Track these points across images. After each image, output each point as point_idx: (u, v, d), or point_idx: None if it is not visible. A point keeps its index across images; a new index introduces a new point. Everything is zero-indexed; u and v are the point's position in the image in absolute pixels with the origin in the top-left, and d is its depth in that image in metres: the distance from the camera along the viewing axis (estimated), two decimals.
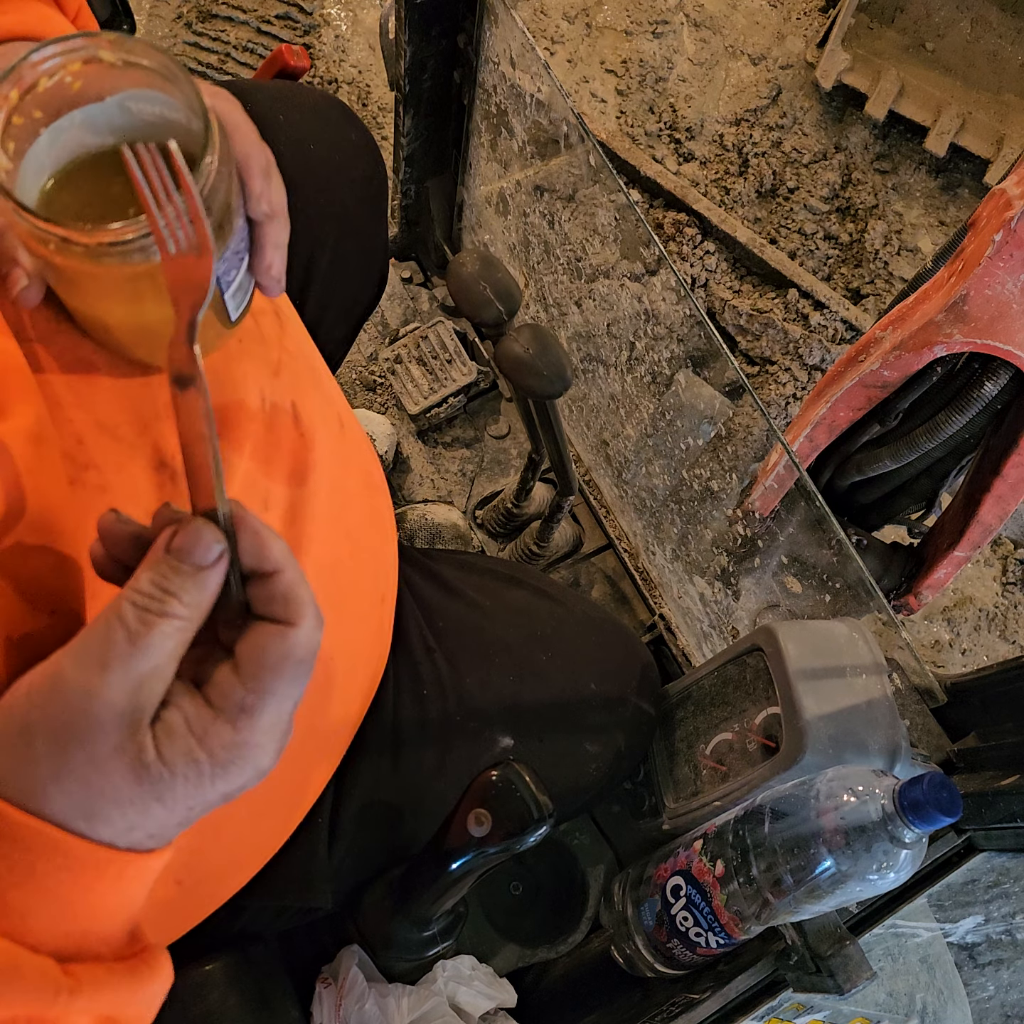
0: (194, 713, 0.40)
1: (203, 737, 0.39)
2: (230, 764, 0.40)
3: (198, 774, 0.39)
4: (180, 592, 0.39)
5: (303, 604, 0.41)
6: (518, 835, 0.69)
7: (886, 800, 0.65)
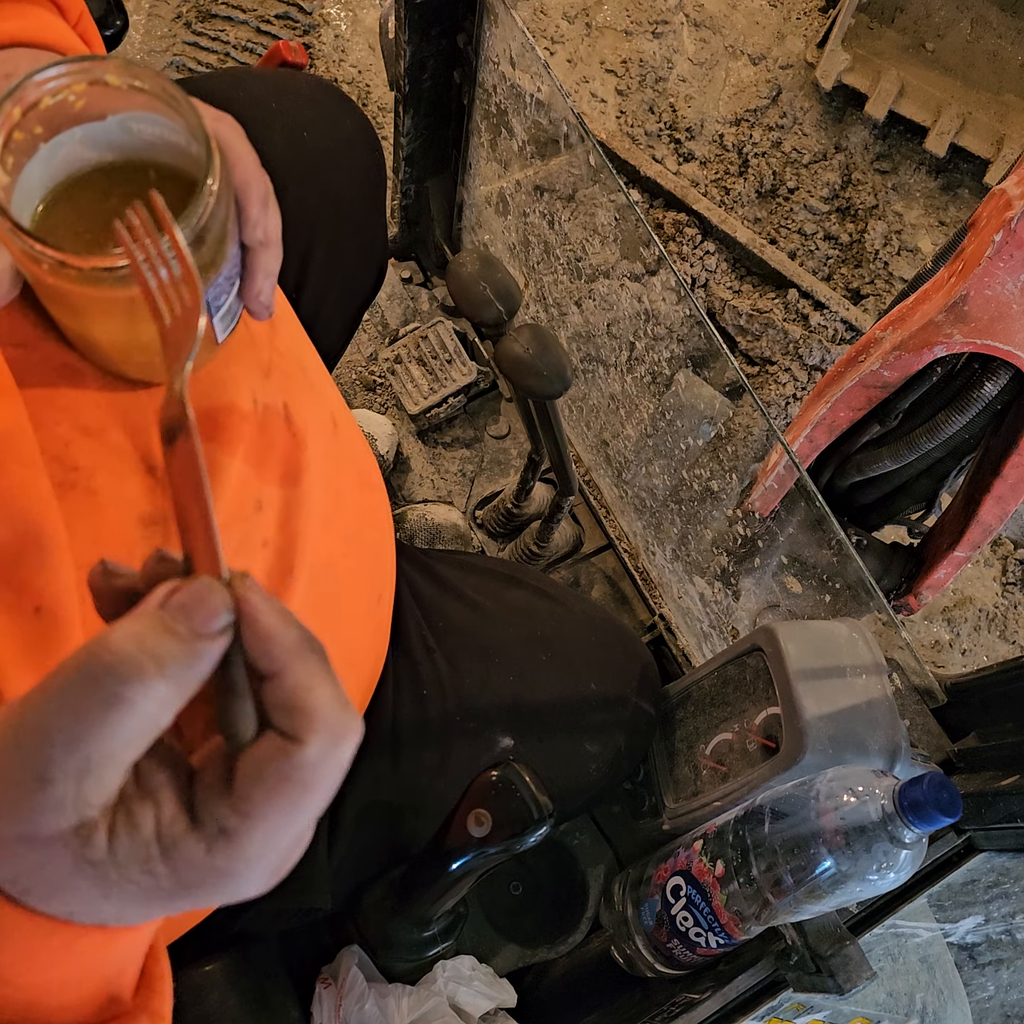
0: (169, 818, 0.33)
1: (169, 849, 0.33)
2: (195, 887, 0.33)
3: (155, 887, 0.33)
4: (165, 658, 0.31)
5: (312, 717, 0.33)
6: (518, 835, 0.69)
7: (886, 800, 0.65)
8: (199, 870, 0.33)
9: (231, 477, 0.57)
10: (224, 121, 0.51)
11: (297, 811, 0.33)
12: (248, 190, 0.50)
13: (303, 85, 0.87)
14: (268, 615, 0.33)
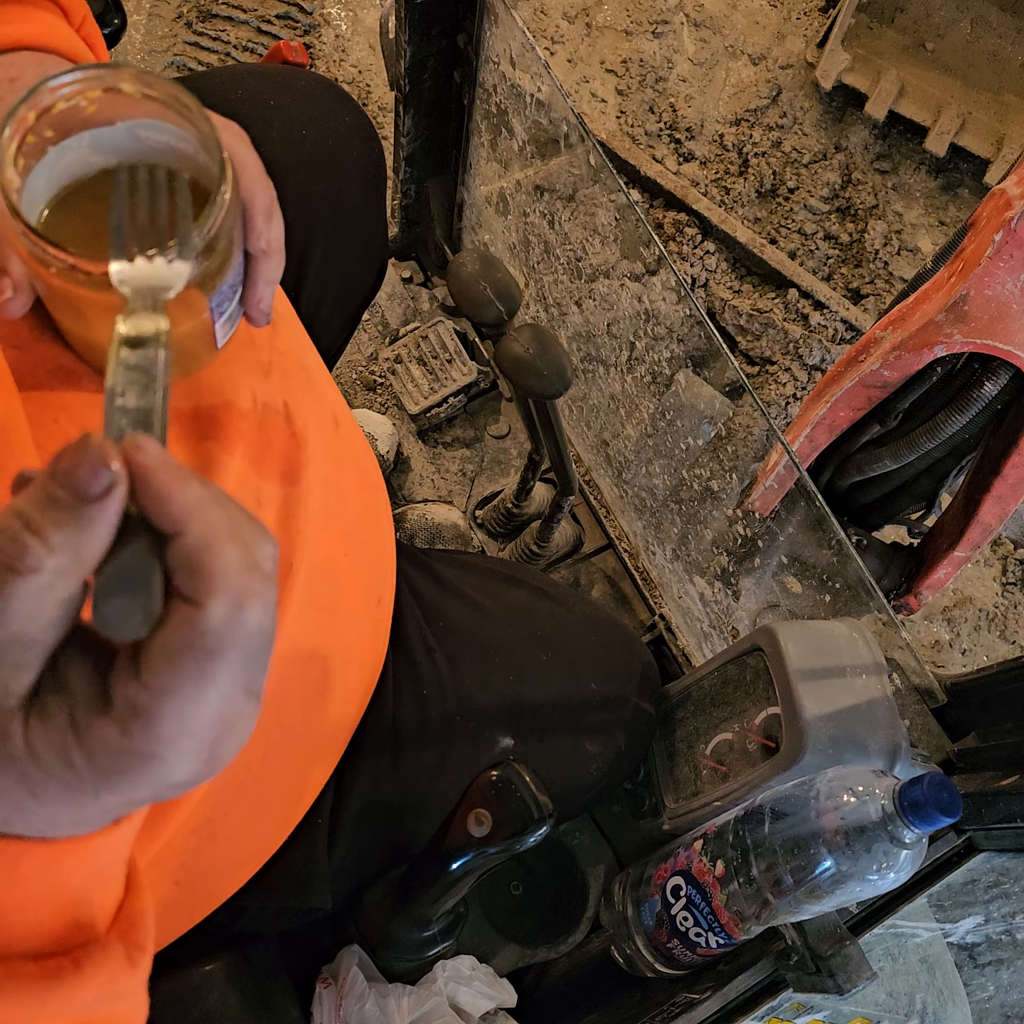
0: (82, 703, 0.31)
1: (83, 735, 0.31)
2: (115, 774, 0.32)
3: (76, 779, 0.31)
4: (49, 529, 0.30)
5: (212, 578, 0.31)
6: (518, 835, 0.69)
7: (886, 800, 0.65)
8: (116, 755, 0.31)
9: (230, 474, 0.57)
10: (230, 130, 0.51)
11: (205, 681, 0.32)
12: (253, 199, 0.50)
13: (302, 82, 0.87)
14: (162, 472, 0.32)
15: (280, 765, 0.66)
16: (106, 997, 0.36)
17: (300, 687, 0.64)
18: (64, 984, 0.34)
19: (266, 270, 0.53)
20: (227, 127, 0.51)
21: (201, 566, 0.31)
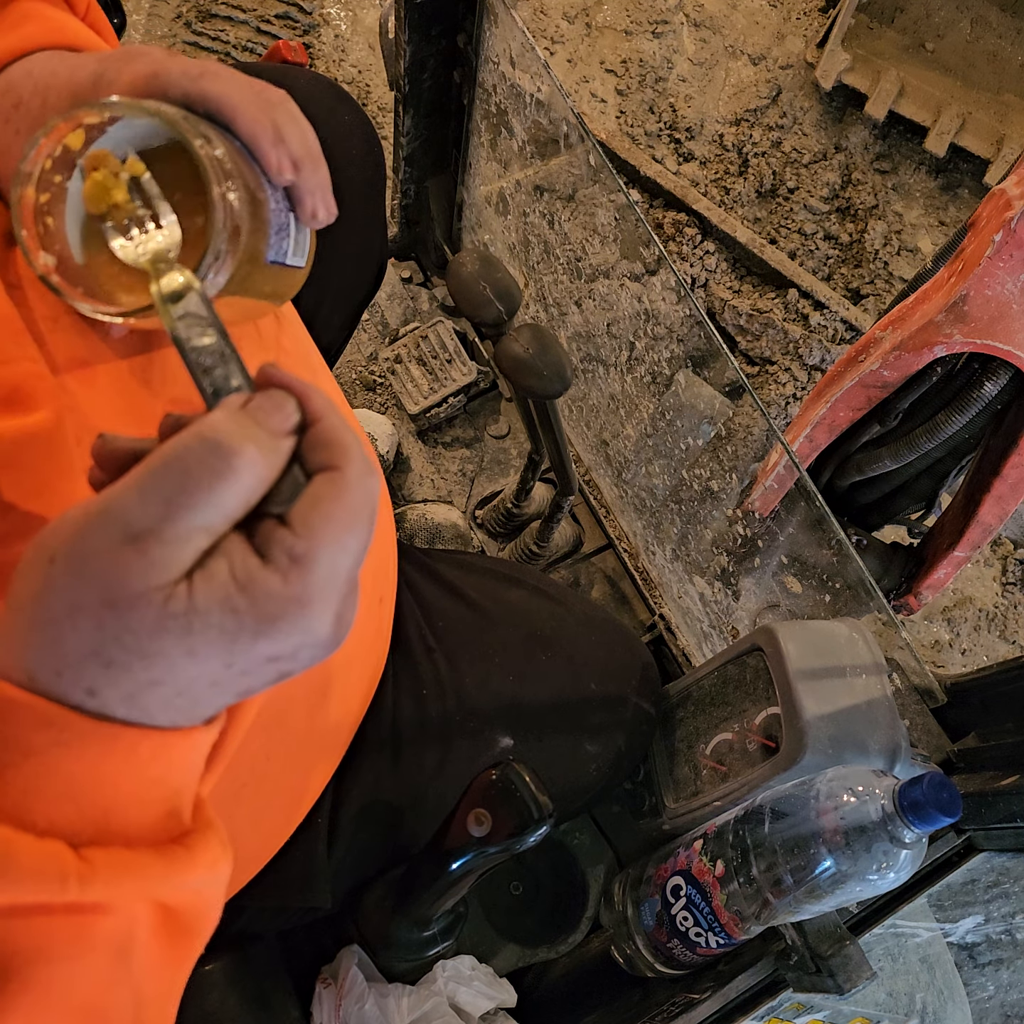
0: (240, 559, 0.36)
1: (247, 585, 0.35)
2: (276, 619, 0.36)
3: (237, 626, 0.35)
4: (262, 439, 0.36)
5: (347, 447, 0.38)
6: (518, 835, 0.69)
7: (886, 800, 0.65)
8: (278, 600, 0.35)
9: None
10: (208, 74, 0.49)
11: (348, 532, 0.37)
12: (256, 139, 0.49)
13: (301, 81, 0.87)
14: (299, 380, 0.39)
15: (282, 766, 0.66)
16: (210, 879, 0.40)
17: (302, 688, 0.64)
18: (181, 864, 0.38)
19: (305, 184, 0.52)
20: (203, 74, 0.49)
21: (338, 440, 0.38)
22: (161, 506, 0.34)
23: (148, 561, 0.34)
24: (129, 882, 0.36)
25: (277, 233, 0.51)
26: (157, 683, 0.35)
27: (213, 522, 0.35)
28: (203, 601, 0.35)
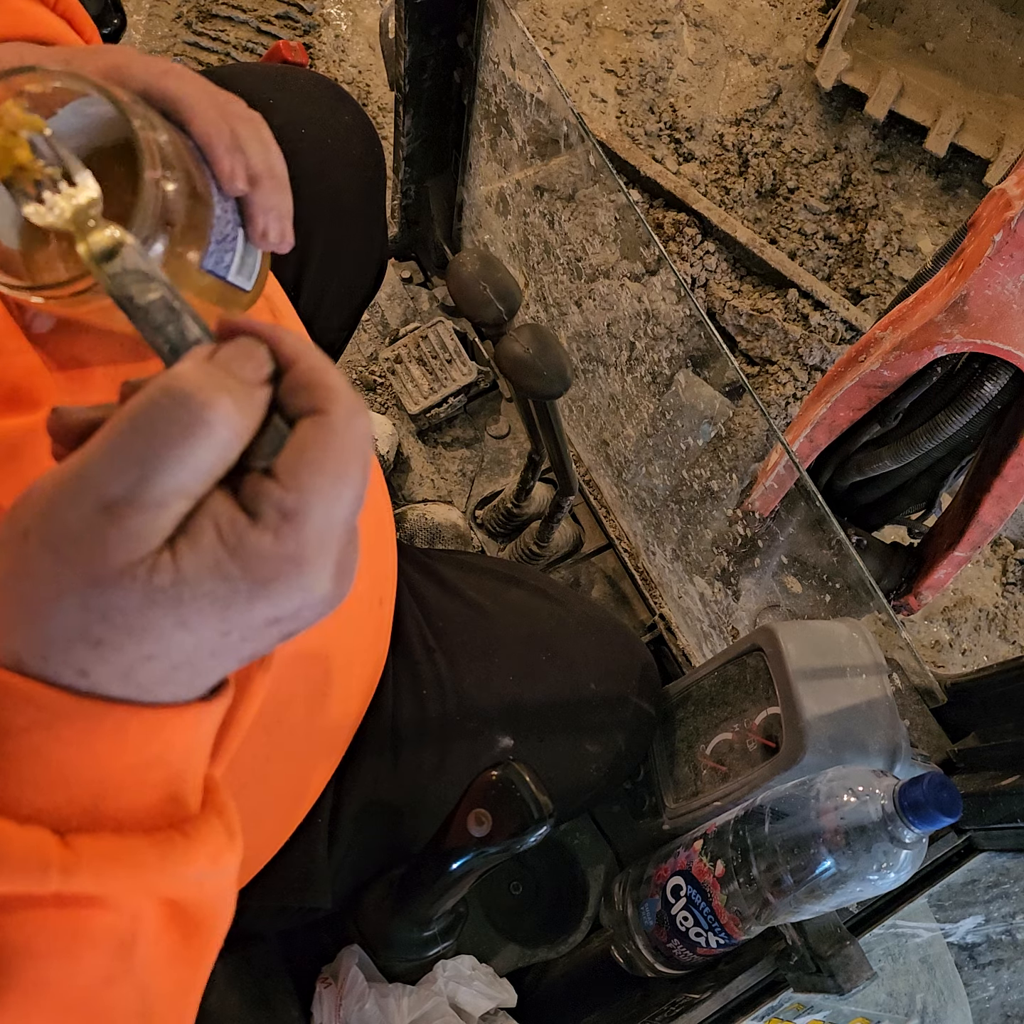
0: (227, 520, 0.33)
1: (237, 548, 0.33)
2: (271, 581, 0.33)
3: (230, 591, 0.33)
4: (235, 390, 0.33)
5: (330, 387, 0.35)
6: (518, 835, 0.69)
7: (886, 800, 0.65)
8: (271, 560, 0.33)
9: None
10: (172, 73, 0.48)
11: (341, 479, 0.34)
12: (211, 141, 0.47)
13: (301, 81, 0.87)
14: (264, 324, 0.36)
15: (282, 766, 0.66)
16: (213, 871, 0.38)
17: (303, 687, 0.64)
18: (177, 854, 0.36)
19: (260, 200, 0.50)
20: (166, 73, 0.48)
21: (319, 381, 0.35)
22: (132, 470, 0.32)
23: (126, 532, 0.32)
24: (119, 873, 0.34)
25: (219, 243, 0.48)
26: (151, 658, 0.33)
27: (191, 483, 0.32)
28: (191, 569, 0.33)
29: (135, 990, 0.37)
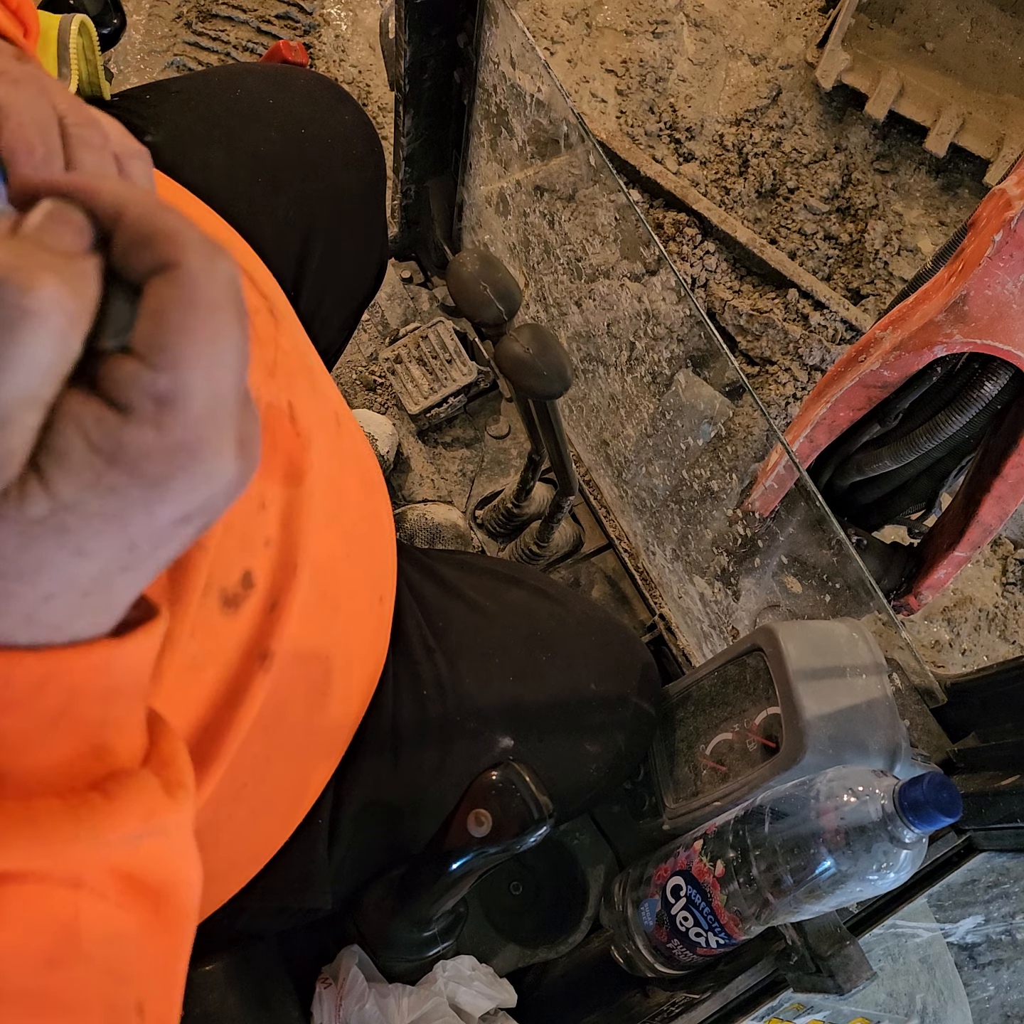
0: (94, 422, 0.28)
1: (114, 452, 0.28)
2: (167, 479, 0.28)
3: (122, 504, 0.28)
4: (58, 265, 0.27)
5: (175, 232, 0.29)
6: (518, 835, 0.69)
7: (886, 800, 0.65)
8: (159, 456, 0.28)
9: None
10: None
11: (217, 339, 0.29)
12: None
13: (301, 81, 0.87)
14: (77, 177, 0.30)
15: (282, 766, 0.66)
16: (147, 831, 0.33)
17: (302, 687, 0.64)
18: (96, 816, 0.32)
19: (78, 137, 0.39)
20: None
21: (159, 228, 0.29)
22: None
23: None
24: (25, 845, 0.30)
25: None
26: (52, 596, 0.29)
27: (32, 387, 0.27)
28: (68, 491, 0.28)
29: (97, 971, 0.33)
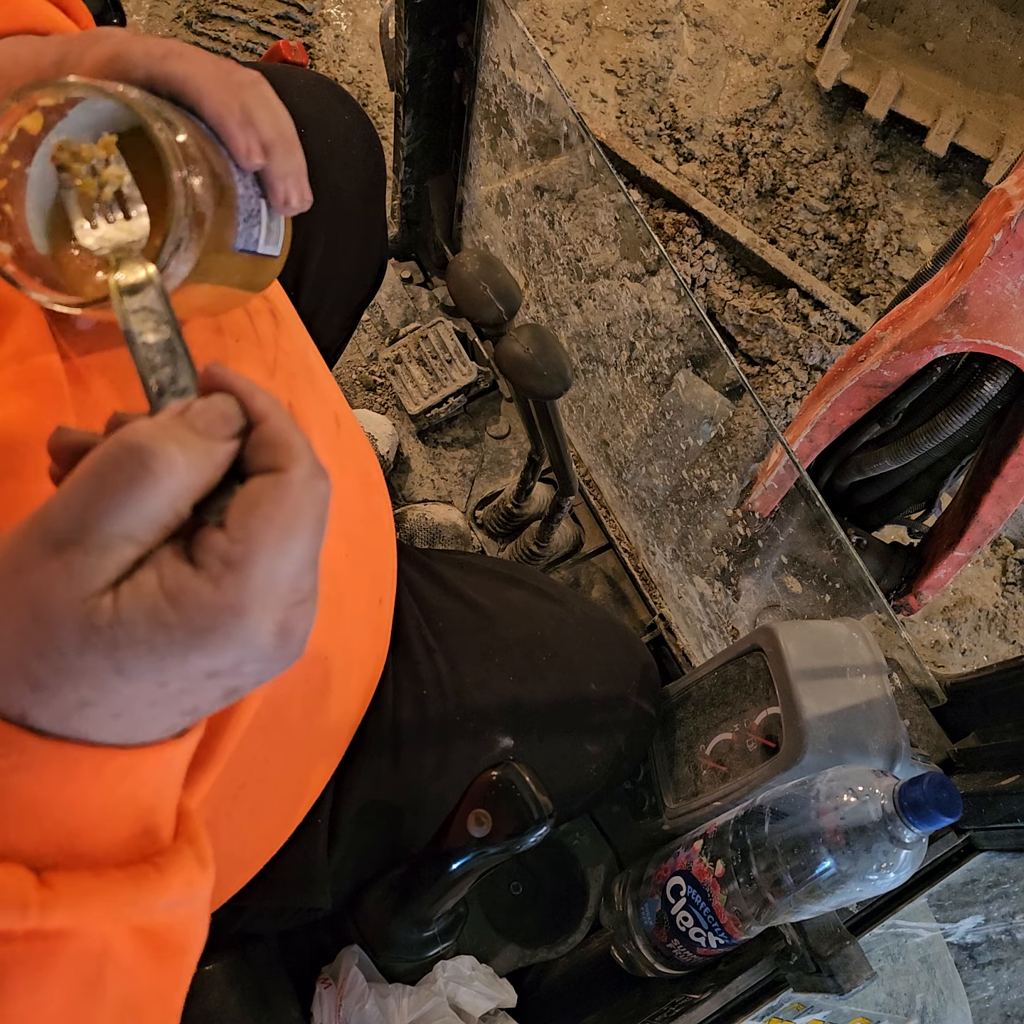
0: (171, 568, 0.33)
1: (176, 596, 0.33)
2: (208, 631, 0.33)
3: (167, 640, 0.33)
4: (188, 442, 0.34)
5: (294, 447, 0.36)
6: (518, 835, 0.69)
7: (886, 800, 0.65)
8: (209, 609, 0.33)
9: None
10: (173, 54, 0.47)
11: (290, 534, 0.35)
12: (223, 121, 0.47)
13: (301, 81, 0.87)
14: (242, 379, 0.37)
15: (281, 766, 0.66)
16: (185, 899, 0.39)
17: (302, 688, 0.64)
18: (151, 885, 0.37)
19: (276, 168, 0.49)
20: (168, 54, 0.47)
21: (284, 441, 0.36)
22: (79, 512, 0.33)
23: (70, 571, 0.32)
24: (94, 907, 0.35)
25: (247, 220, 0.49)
26: (88, 704, 0.34)
27: (134, 529, 0.33)
28: (128, 612, 0.33)
29: (111, 1016, 0.38)
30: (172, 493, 0.33)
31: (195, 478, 0.34)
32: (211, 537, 0.34)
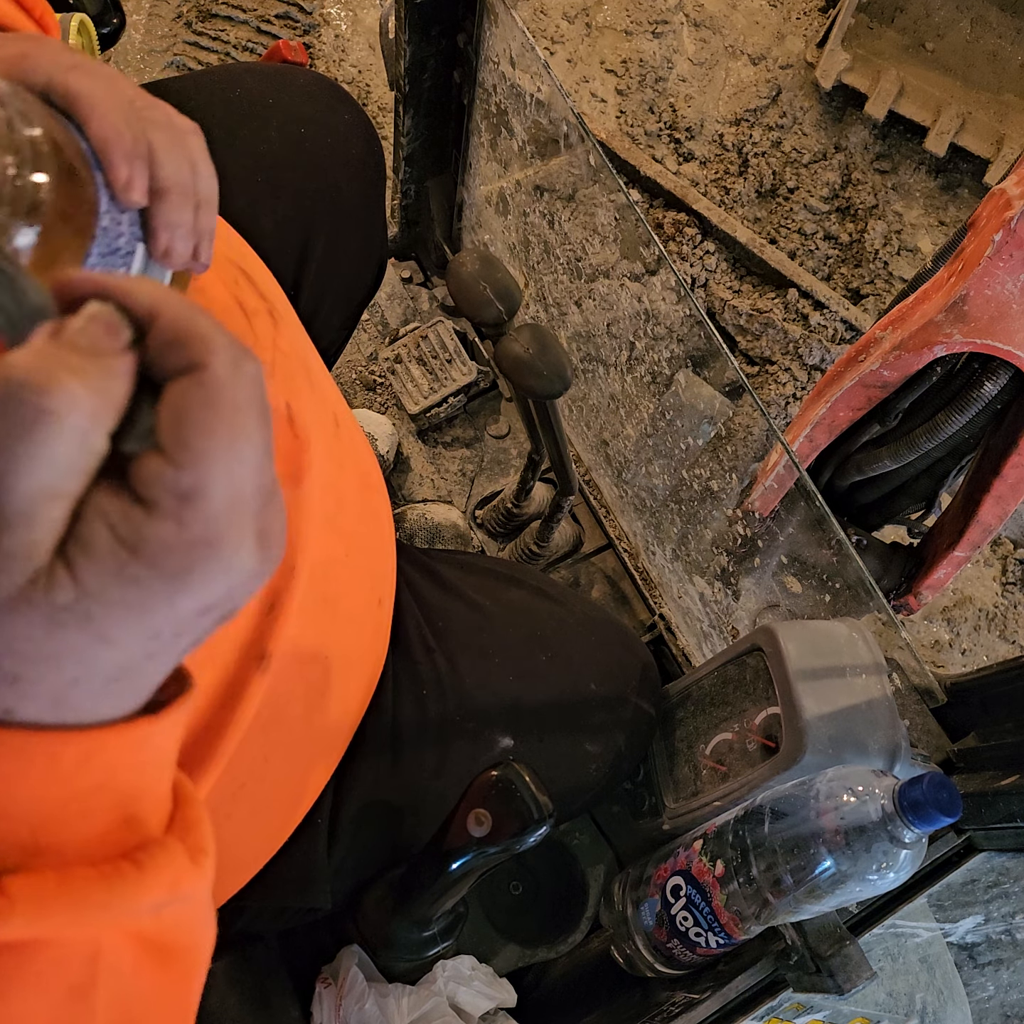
0: (119, 516, 0.29)
1: (138, 546, 0.29)
2: (186, 573, 0.30)
3: (144, 595, 0.30)
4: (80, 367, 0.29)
5: (204, 335, 0.31)
6: (518, 835, 0.69)
7: (886, 800, 0.65)
8: (180, 550, 0.30)
9: None
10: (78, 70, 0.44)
11: (237, 437, 0.30)
12: (107, 145, 0.44)
13: (301, 80, 0.87)
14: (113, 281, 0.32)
15: (281, 766, 0.66)
16: (172, 899, 0.35)
17: (301, 688, 0.64)
18: (127, 886, 0.33)
19: (162, 215, 0.45)
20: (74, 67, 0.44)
21: (189, 331, 0.31)
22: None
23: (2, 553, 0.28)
24: (59, 913, 0.31)
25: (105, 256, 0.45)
26: (78, 681, 0.30)
27: (51, 482, 0.28)
28: (91, 579, 0.29)
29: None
30: (80, 429, 0.28)
31: (100, 404, 0.29)
32: (151, 467, 0.30)
